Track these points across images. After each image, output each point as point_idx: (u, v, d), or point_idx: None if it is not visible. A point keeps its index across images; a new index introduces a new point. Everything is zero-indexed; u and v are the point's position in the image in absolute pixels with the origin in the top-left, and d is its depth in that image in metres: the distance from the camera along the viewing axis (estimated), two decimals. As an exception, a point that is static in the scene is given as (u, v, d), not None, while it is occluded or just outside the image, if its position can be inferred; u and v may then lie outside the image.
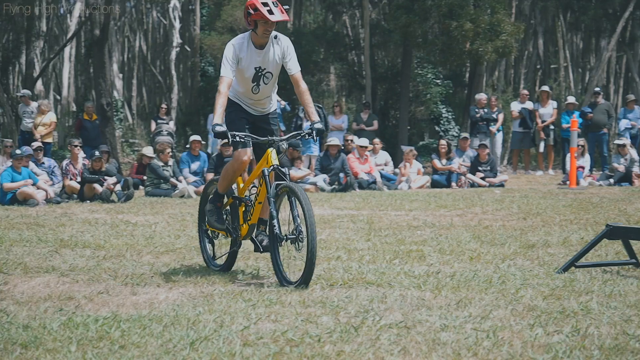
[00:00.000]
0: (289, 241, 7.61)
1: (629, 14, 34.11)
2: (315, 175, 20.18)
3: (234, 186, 8.42)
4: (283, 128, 22.55)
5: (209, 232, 8.73)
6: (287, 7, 8.04)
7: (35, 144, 19.34)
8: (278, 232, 7.63)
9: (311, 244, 7.26)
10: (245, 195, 8.34)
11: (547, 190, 18.90)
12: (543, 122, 24.85)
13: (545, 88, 26.05)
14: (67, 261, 9.03)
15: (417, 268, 8.48)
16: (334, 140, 20.86)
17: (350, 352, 5.29)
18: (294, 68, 8.16)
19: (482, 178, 20.97)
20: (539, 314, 6.27)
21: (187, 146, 21.48)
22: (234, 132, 7.81)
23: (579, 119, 22.78)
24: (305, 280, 7.36)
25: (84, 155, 18.78)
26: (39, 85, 39.11)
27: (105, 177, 17.58)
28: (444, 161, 21.54)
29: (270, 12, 7.80)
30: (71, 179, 17.94)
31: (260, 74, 8.10)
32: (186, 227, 12.25)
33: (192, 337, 5.57)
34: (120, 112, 39.63)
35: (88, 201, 17.10)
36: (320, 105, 24.42)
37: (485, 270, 8.29)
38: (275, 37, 8.12)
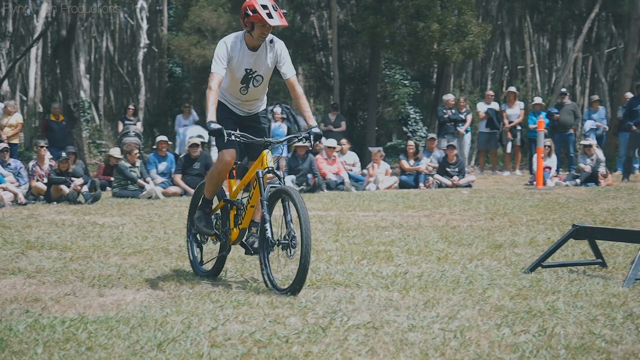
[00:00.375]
0: (280, 246, 7.34)
1: (594, 15, 34.36)
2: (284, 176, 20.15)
3: (226, 189, 8.28)
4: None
5: (198, 236, 8.48)
6: (285, 11, 7.78)
7: (1, 145, 19.19)
8: (270, 236, 7.38)
9: (305, 250, 6.99)
10: (237, 199, 8.09)
11: (514, 190, 18.99)
12: (510, 122, 24.98)
13: (513, 89, 26.18)
14: (34, 263, 8.98)
15: (385, 268, 8.50)
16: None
17: (318, 353, 5.29)
18: (289, 72, 7.90)
19: (450, 179, 21.03)
20: (506, 313, 6.30)
21: (154, 147, 21.40)
22: (230, 131, 7.53)
23: (546, 120, 22.92)
24: (295, 289, 7.10)
25: (51, 157, 18.66)
26: (5, 86, 38.88)
27: (72, 179, 17.49)
28: (411, 162, 21.59)
29: (270, 15, 7.54)
30: (38, 180, 17.82)
31: (250, 76, 7.89)
32: (154, 229, 12.21)
33: (159, 339, 5.55)
34: (87, 113, 39.45)
35: (55, 202, 17.01)
36: (289, 106, 24.42)
37: (452, 270, 8.32)
38: (271, 41, 7.87)
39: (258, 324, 6.04)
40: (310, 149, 21.02)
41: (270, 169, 7.70)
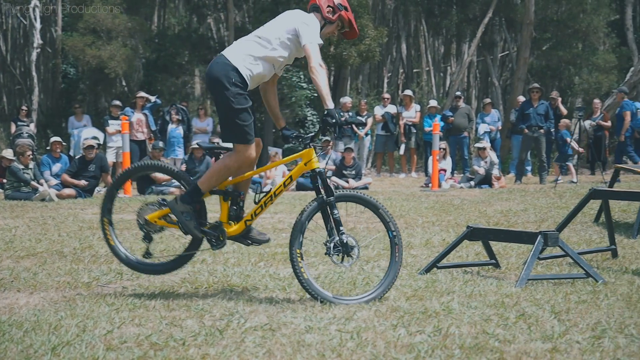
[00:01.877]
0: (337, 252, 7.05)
1: (488, 19, 34.89)
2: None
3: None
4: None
5: (148, 226, 7.42)
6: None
7: None
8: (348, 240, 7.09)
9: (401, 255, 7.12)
10: (228, 188, 7.43)
11: (410, 192, 19.17)
12: (406, 125, 25.21)
13: (408, 92, 26.43)
14: None
15: (282, 270, 8.51)
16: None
17: (215, 355, 5.27)
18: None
19: (347, 181, 21.13)
20: (402, 314, 6.36)
21: (48, 148, 21.05)
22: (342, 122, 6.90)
23: (441, 123, 23.20)
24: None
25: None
26: None
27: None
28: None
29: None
30: None
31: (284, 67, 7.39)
32: (47, 231, 12.01)
33: (53, 342, 5.47)
34: (-22, 114, 38.65)
35: (-55, 205, 16.64)
36: (184, 108, 24.28)
37: (349, 271, 8.36)
38: None
39: (154, 326, 6.00)
40: (207, 151, 20.88)
41: (321, 170, 7.21)
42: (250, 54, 7.06)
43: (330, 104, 6.80)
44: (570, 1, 35.65)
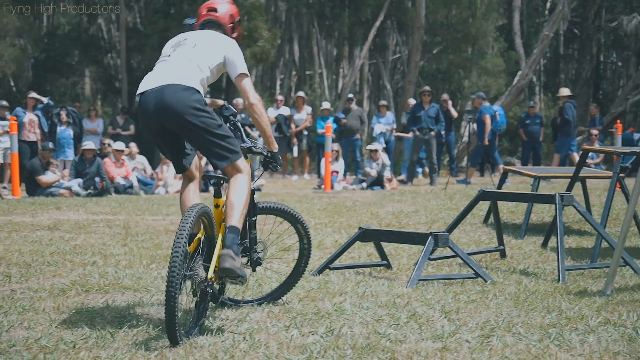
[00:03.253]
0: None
1: (380, 22, 35.22)
2: (70, 180, 19.74)
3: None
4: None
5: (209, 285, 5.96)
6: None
7: None
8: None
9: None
10: None
11: (303, 194, 19.23)
12: (297, 127, 25.28)
13: (301, 94, 26.52)
14: None
15: (174, 272, 8.45)
16: (89, 144, 20.48)
17: (107, 358, 5.23)
18: None
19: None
20: (295, 315, 6.38)
21: None
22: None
23: (333, 125, 23.31)
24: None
25: None
26: None
27: None
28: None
29: None
30: None
31: None
32: None
33: (-61, 348, 5.36)
34: None
35: None
36: (75, 110, 23.95)
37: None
38: None
39: (44, 329, 5.92)
40: (98, 152, 20.66)
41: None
42: (196, 77, 6.38)
43: (275, 147, 6.69)
44: (460, 6, 36.22)
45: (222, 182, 6.35)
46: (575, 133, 24.79)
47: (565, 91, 25.00)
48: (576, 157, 23.89)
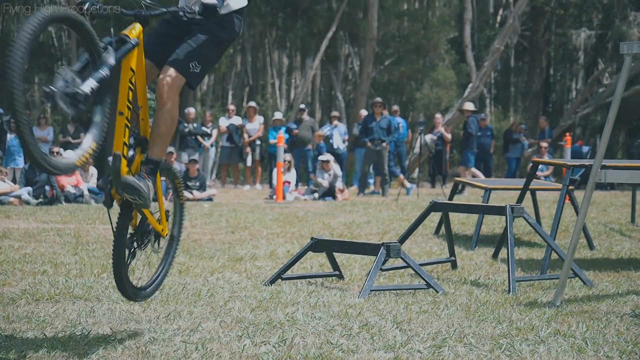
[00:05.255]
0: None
1: (332, 33, 35.32)
2: (20, 188, 19.57)
3: None
4: None
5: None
6: None
7: None
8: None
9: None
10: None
11: (255, 204, 19.22)
12: (250, 137, 25.28)
13: (253, 104, 26.54)
14: None
15: (125, 282, 8.41)
16: (39, 152, 20.27)
17: (58, 368, 5.19)
18: None
19: (191, 193, 21.03)
20: (247, 325, 6.37)
21: None
22: None
23: (286, 135, 23.34)
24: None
25: None
26: None
27: None
28: (152, 175, 21.43)
29: None
30: None
31: None
32: None
33: None
34: None
35: None
36: (27, 118, 23.72)
37: (194, 283, 8.34)
38: None
39: (-7, 339, 5.86)
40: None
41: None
42: None
43: None
44: (412, 18, 36.43)
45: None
46: (476, 147, 25.10)
47: (469, 105, 25.42)
48: (475, 171, 24.23)
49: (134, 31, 5.75)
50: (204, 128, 24.48)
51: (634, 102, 33.97)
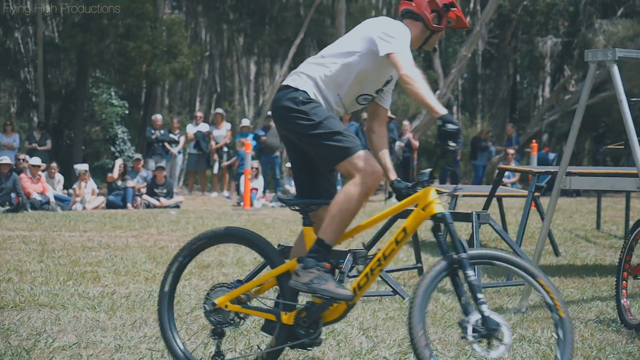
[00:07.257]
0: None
1: (300, 40, 35.36)
2: (-15, 195, 19.46)
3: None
4: None
5: (233, 317, 5.65)
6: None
7: None
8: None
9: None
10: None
11: (222, 211, 19.20)
12: (217, 144, 25.23)
13: (220, 110, 26.50)
14: None
15: (91, 289, 8.39)
16: (5, 159, 20.19)
17: (22, 376, 5.17)
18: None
19: (158, 200, 20.98)
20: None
21: None
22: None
23: (253, 142, 23.31)
24: None
25: None
26: None
27: None
28: (119, 182, 21.38)
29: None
30: None
31: (379, 89, 5.60)
32: None
33: None
34: None
35: None
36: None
37: (160, 290, 8.31)
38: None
39: (-42, 348, 5.82)
40: (14, 167, 20.37)
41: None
42: (305, 74, 5.67)
43: (442, 110, 4.96)
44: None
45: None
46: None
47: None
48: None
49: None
50: (171, 135, 24.40)
51: (599, 109, 34.15)
